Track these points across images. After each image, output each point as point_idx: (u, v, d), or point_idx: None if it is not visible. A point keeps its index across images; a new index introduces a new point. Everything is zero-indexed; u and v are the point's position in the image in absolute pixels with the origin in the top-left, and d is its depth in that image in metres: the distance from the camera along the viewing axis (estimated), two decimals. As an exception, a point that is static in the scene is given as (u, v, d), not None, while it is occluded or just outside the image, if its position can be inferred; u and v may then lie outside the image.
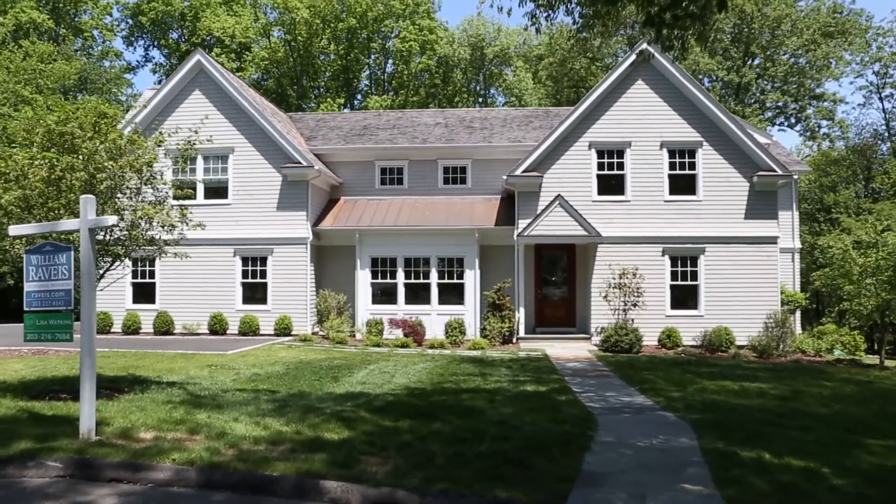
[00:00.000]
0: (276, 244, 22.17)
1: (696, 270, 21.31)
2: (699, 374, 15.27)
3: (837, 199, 44.50)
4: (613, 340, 19.33)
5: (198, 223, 12.05)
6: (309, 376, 13.27)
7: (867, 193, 46.44)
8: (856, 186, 46.85)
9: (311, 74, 48.74)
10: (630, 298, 20.66)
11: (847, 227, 40.00)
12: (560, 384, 13.17)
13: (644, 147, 21.53)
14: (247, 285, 22.38)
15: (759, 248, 21.29)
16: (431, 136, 25.02)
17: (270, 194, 22.32)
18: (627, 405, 11.41)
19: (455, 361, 16.27)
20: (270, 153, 22.34)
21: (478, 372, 14.52)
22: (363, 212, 23.38)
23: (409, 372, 14.30)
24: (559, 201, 20.88)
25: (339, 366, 14.99)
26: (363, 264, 22.51)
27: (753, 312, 20.91)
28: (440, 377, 13.63)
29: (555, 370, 15.21)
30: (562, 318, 22.50)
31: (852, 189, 46.28)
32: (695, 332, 20.65)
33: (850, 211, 43.45)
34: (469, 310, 22.11)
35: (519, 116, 26.79)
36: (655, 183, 21.46)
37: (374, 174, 24.59)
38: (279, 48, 46.55)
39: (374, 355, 17.32)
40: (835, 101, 39.84)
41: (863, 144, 46.55)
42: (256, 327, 21.70)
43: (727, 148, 21.42)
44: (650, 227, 21.31)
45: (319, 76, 49.02)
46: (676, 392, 12.57)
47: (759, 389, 13.31)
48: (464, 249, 22.27)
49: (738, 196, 21.42)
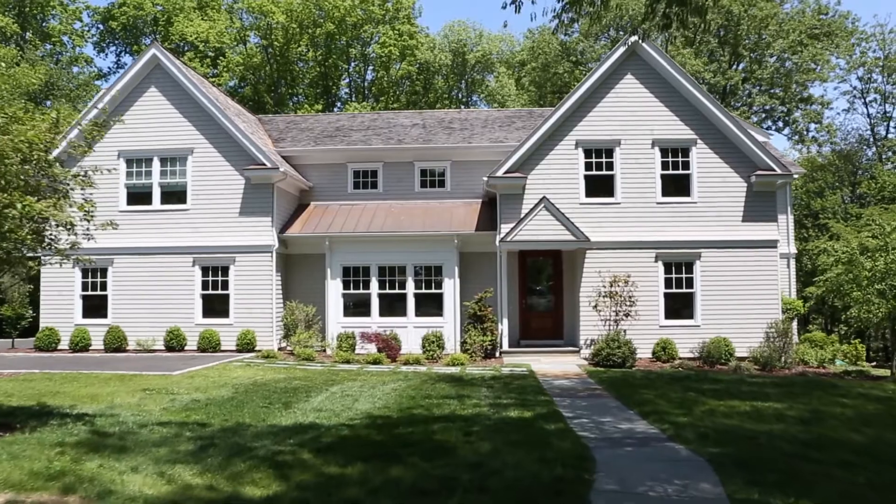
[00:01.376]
0: (239, 252, 20.14)
1: (692, 277, 19.49)
2: (703, 391, 13.40)
3: (825, 204, 43.08)
4: (605, 354, 17.43)
5: (108, 221, 9.97)
6: (257, 402, 11.27)
7: (853, 199, 45.08)
8: (842, 191, 45.48)
9: (289, 81, 46.78)
10: (622, 308, 18.79)
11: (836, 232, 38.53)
12: (548, 408, 11.24)
13: (634, 145, 19.74)
14: (207, 297, 20.31)
15: (758, 252, 19.51)
16: (408, 136, 23.13)
17: (233, 199, 20.30)
18: (628, 434, 9.49)
19: (430, 380, 14.31)
20: (233, 155, 20.35)
21: (455, 393, 12.56)
22: (334, 217, 21.41)
23: (375, 395, 12.32)
24: (544, 204, 19.02)
25: (296, 388, 12.99)
26: (334, 274, 20.52)
27: (753, 322, 19.11)
28: (411, 401, 11.66)
29: (542, 390, 13.28)
30: (548, 330, 20.59)
31: (839, 194, 44.92)
32: (692, 343, 18.80)
33: (837, 216, 42.05)
34: (448, 322, 20.16)
35: (501, 117, 24.97)
36: (647, 184, 19.65)
37: (346, 177, 22.64)
38: (255, 54, 44.58)
39: (342, 374, 15.32)
40: (822, 105, 38.43)
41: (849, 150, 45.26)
42: (217, 343, 19.62)
43: (723, 146, 19.67)
44: (642, 231, 19.49)
45: (297, 83, 47.06)
46: (682, 416, 10.68)
47: (774, 411, 11.45)
48: (442, 257, 20.34)
49: (736, 197, 19.66)
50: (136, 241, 20.30)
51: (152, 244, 20.29)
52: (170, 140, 20.52)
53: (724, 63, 38.54)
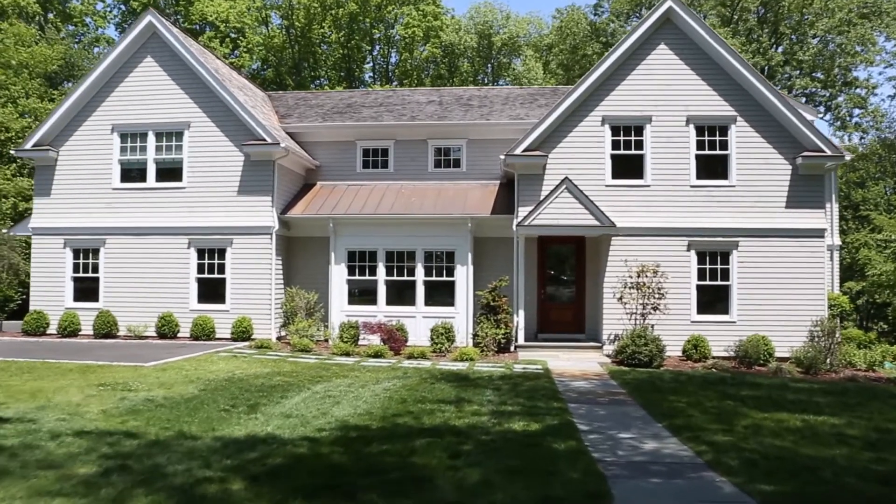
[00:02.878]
0: (237, 234, 18.45)
1: (728, 268, 17.34)
2: (742, 399, 11.36)
3: (866, 195, 40.26)
4: (630, 351, 15.42)
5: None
6: (220, 404, 9.52)
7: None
8: (885, 182, 42.55)
9: (312, 63, 45.08)
10: (649, 301, 16.74)
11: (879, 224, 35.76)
12: (560, 418, 9.32)
13: (667, 123, 17.59)
14: (203, 281, 18.67)
15: (802, 242, 17.29)
16: (422, 113, 21.21)
17: (231, 177, 18.60)
18: (655, 458, 7.55)
19: (431, 379, 12.46)
20: (232, 129, 18.63)
21: (454, 396, 10.69)
22: (340, 198, 19.62)
23: (361, 397, 10.51)
24: (566, 185, 17.00)
25: (275, 386, 11.23)
26: (338, 258, 18.75)
27: (796, 319, 16.92)
28: (400, 406, 9.83)
29: (556, 393, 11.35)
30: (569, 323, 18.62)
31: (882, 185, 42.01)
32: (726, 341, 16.69)
33: (879, 208, 39.23)
34: (460, 312, 18.29)
35: (523, 95, 22.93)
36: (680, 165, 17.51)
37: (355, 156, 20.81)
38: (276, 34, 42.94)
39: (334, 369, 13.54)
40: (868, 88, 35.55)
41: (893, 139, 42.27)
42: (211, 330, 17.99)
43: (766, 124, 17.44)
44: (673, 217, 17.37)
45: (320, 65, 45.34)
46: (721, 433, 8.69)
47: (831, 428, 9.40)
48: (455, 242, 18.45)
49: (779, 181, 17.43)
50: (130, 220, 18.74)
51: (146, 224, 18.71)
52: (166, 113, 18.87)
53: (764, 43, 35.87)
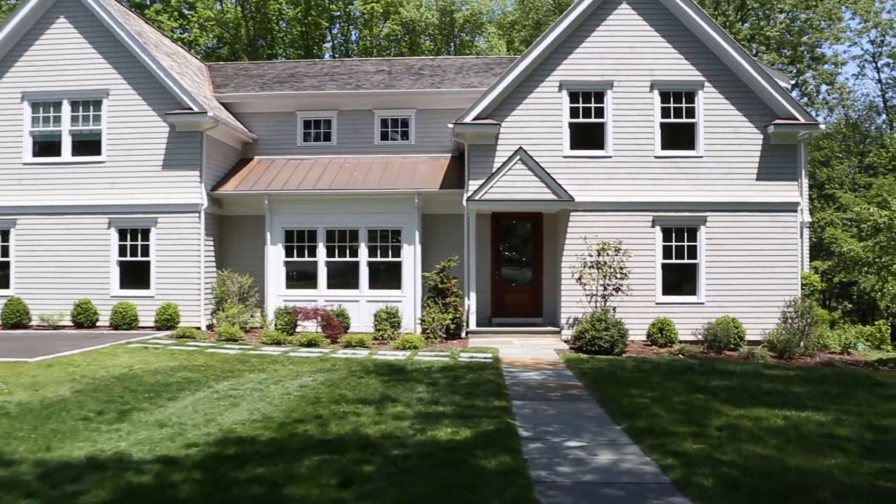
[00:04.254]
0: (162, 212, 16.40)
1: (696, 246, 15.76)
2: (713, 391, 9.75)
3: (831, 174, 39.23)
4: (589, 337, 13.77)
5: None
6: (85, 410, 7.63)
7: (861, 169, 41.19)
8: (850, 161, 41.56)
9: (269, 41, 42.62)
10: (611, 281, 15.10)
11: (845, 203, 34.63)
12: (498, 421, 7.58)
13: (630, 88, 15.89)
14: (125, 265, 16.61)
15: (775, 217, 15.76)
16: (368, 82, 19.25)
17: (155, 150, 16.51)
18: (610, 477, 5.85)
19: (360, 372, 10.66)
20: (156, 98, 16.51)
21: (379, 394, 8.91)
22: (278, 173, 17.64)
23: (268, 396, 8.67)
24: (520, 156, 15.24)
25: (172, 384, 9.35)
26: (274, 238, 16.81)
27: (768, 299, 15.43)
28: (309, 408, 8.02)
29: (500, 388, 9.62)
30: (525, 307, 16.92)
31: (846, 164, 41.02)
32: (694, 324, 15.12)
33: (845, 187, 38.23)
34: (407, 296, 16.49)
35: (478, 64, 21.05)
36: (644, 134, 15.84)
37: (295, 128, 18.79)
38: (230, 9, 40.41)
39: (254, 361, 11.67)
40: (836, 65, 34.28)
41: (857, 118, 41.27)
42: (133, 318, 15.97)
43: (735, 89, 15.82)
44: (637, 191, 15.73)
45: (277, 43, 42.88)
46: (692, 438, 7.02)
47: (818, 427, 7.81)
48: (401, 219, 16.61)
49: (749, 151, 15.85)
50: (44, 198, 16.59)
51: (62, 202, 16.56)
52: (82, 80, 16.68)
53: (731, 17, 34.36)
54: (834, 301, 37.87)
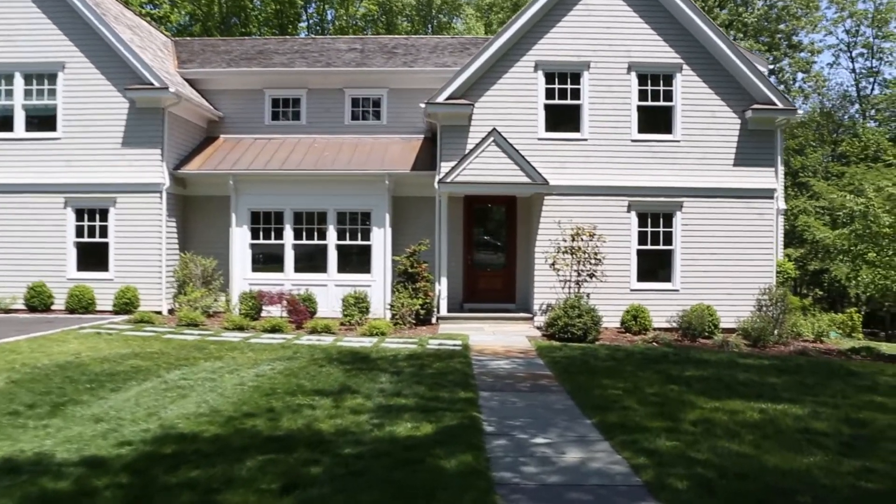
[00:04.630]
0: (122, 192, 15.65)
1: (671, 232, 15.41)
2: (688, 382, 9.39)
3: (805, 162, 39.25)
4: (562, 324, 13.36)
5: None
6: (16, 403, 7.04)
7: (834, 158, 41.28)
8: (823, 150, 41.61)
9: (243, 19, 41.46)
10: (585, 267, 14.70)
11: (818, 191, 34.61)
12: (463, 415, 7.12)
13: (607, 70, 15.41)
14: (82, 246, 15.86)
15: (751, 203, 15.45)
16: (339, 60, 18.56)
17: (114, 126, 15.73)
18: (579, 478, 5.41)
19: (322, 360, 10.14)
20: (114, 72, 15.71)
21: (338, 385, 8.40)
22: (244, 152, 16.95)
23: (220, 387, 8.13)
24: (494, 138, 14.73)
25: (119, 373, 8.76)
26: (240, 220, 16.16)
27: (743, 287, 15.15)
28: (262, 400, 7.49)
29: (467, 378, 9.16)
30: (498, 292, 16.49)
31: (819, 153, 41.07)
32: (669, 311, 14.80)
33: (818, 176, 38.28)
34: (377, 280, 15.97)
35: (453, 44, 20.43)
36: (621, 117, 15.40)
37: (263, 107, 18.08)
38: (201, -15, 39.18)
39: (212, 348, 11.09)
40: (812, 52, 34.12)
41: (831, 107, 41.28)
42: (90, 302, 15.27)
43: (714, 73, 15.42)
44: (613, 175, 15.30)
45: (251, 21, 41.74)
46: (666, 434, 6.62)
47: (795, 420, 7.47)
48: (371, 202, 16.04)
49: (727, 136, 15.49)
50: (-4, 176, 15.77)
51: (14, 181, 15.73)
52: (36, 52, 15.81)
53: (709, 2, 34.03)
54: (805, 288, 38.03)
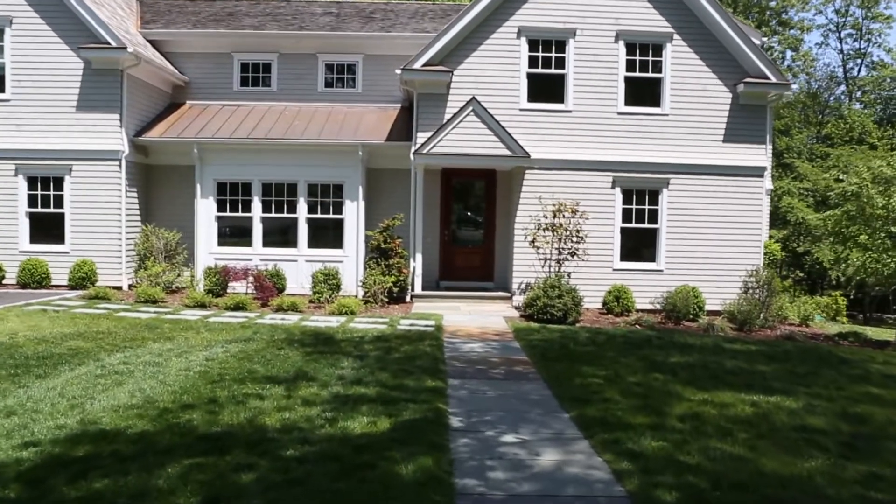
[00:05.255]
0: (77, 159, 14.65)
1: (657, 209, 14.72)
2: (673, 370, 8.73)
3: (790, 143, 38.71)
4: (541, 304, 12.65)
5: None
6: (-79, 391, 6.22)
7: (819, 139, 40.80)
8: (808, 131, 41.09)
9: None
10: (566, 245, 13.99)
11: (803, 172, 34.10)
12: (429, 407, 6.39)
13: (594, 38, 14.57)
14: (36, 217, 14.87)
15: (740, 181, 14.78)
16: (313, 24, 17.53)
17: (69, 89, 14.67)
18: (553, 487, 4.70)
19: (282, 342, 9.36)
20: (68, 30, 14.61)
21: (295, 370, 7.64)
22: (211, 119, 15.97)
23: (163, 373, 7.34)
24: (473, 107, 13.88)
25: (54, 356, 7.93)
26: (205, 191, 15.24)
27: (730, 268, 14.53)
28: (205, 389, 6.72)
29: (438, 364, 8.43)
30: (476, 270, 15.75)
31: (805, 134, 40.55)
32: (652, 292, 14.17)
33: (803, 157, 37.77)
34: (349, 256, 15.17)
35: (434, 10, 19.43)
36: (607, 88, 14.60)
37: (231, 71, 17.04)
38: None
39: (166, 327, 10.27)
40: (802, 30, 33.40)
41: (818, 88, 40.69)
42: (45, 276, 14.33)
43: (706, 43, 14.63)
44: (598, 149, 14.54)
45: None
46: (651, 432, 5.94)
47: (790, 415, 6.83)
48: (344, 173, 15.17)
49: (717, 111, 14.76)
50: (-59, 140, 14.68)
51: (-38, 145, 14.69)
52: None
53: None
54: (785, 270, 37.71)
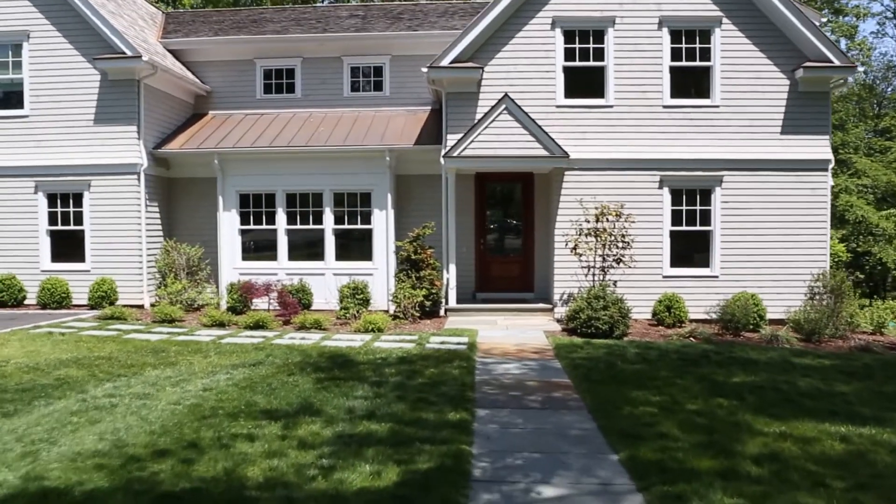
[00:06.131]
0: (96, 174, 14.06)
1: (709, 210, 13.36)
2: (739, 392, 7.46)
3: (846, 138, 36.48)
4: (584, 317, 11.43)
5: None
6: None
7: (877, 133, 38.39)
8: (865, 125, 38.74)
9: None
10: (611, 251, 12.75)
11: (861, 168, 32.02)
12: (449, 449, 5.29)
13: (634, 26, 13.35)
14: (57, 234, 14.32)
15: (802, 176, 13.32)
16: (337, 26, 16.71)
17: (86, 102, 14.09)
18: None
19: (296, 365, 8.38)
20: (84, 41, 14.04)
21: (300, 402, 6.63)
22: (233, 129, 15.23)
23: (152, 405, 6.42)
24: (506, 105, 12.79)
25: (37, 387, 7.11)
26: (228, 204, 14.48)
27: (792, 272, 13.09)
28: (192, 426, 5.76)
29: (465, 391, 7.32)
30: (515, 280, 14.61)
31: (861, 128, 38.22)
32: (707, 300, 12.80)
33: (860, 152, 35.51)
34: (379, 268, 14.20)
35: (464, 8, 18.44)
36: (651, 80, 13.34)
37: (254, 79, 16.32)
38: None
39: (174, 349, 9.40)
40: (857, 16, 31.36)
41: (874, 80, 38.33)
42: (65, 296, 13.74)
43: (759, 27, 13.27)
44: (642, 146, 13.29)
45: None
46: (720, 481, 4.75)
47: (891, 451, 5.52)
48: (371, 180, 14.24)
49: (774, 99, 13.35)
50: (-38, 158, 14.26)
51: (-19, 163, 14.24)
52: None
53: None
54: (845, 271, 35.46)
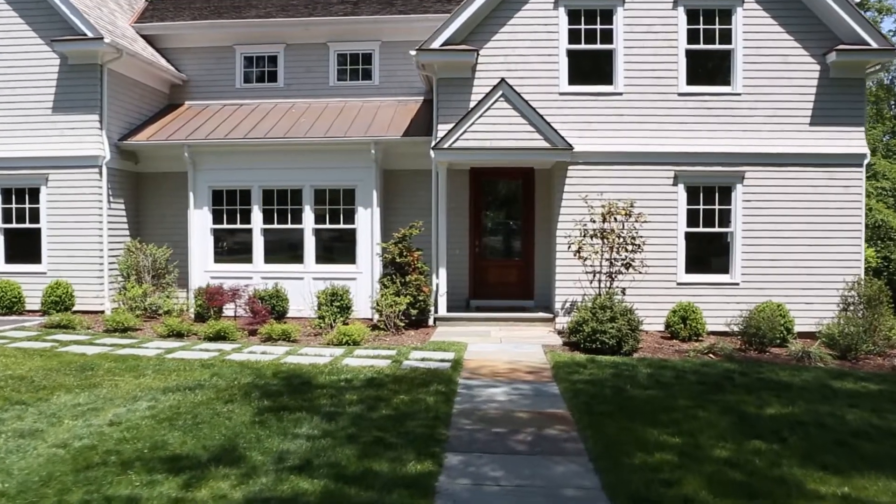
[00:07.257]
0: (54, 167, 12.68)
1: (730, 209, 11.82)
2: (775, 430, 5.95)
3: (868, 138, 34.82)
4: (589, 329, 9.91)
5: None
6: None
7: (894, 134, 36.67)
8: (883, 126, 37.01)
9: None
10: (619, 254, 11.23)
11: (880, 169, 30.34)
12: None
13: (647, 5, 11.84)
14: (11, 233, 12.97)
15: (834, 172, 11.77)
16: (325, 13, 15.28)
17: (43, 88, 12.72)
18: None
19: (238, 390, 6.93)
20: (42, 23, 12.69)
21: (222, 443, 5.18)
22: (207, 120, 13.84)
23: (29, 448, 5.01)
24: (503, 91, 11.32)
25: None
26: (199, 200, 13.08)
27: (823, 280, 11.55)
28: (66, 479, 4.34)
29: (437, 426, 5.84)
30: (513, 287, 13.12)
31: (879, 129, 36.50)
32: (727, 311, 11.27)
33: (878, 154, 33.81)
34: (363, 272, 12.75)
35: (464, -6, 16.94)
36: (665, 65, 11.83)
37: (234, 67, 14.93)
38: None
39: (106, 366, 7.97)
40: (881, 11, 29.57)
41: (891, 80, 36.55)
42: (17, 300, 12.36)
43: (785, 6, 11.74)
44: (655, 138, 11.77)
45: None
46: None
47: None
48: (356, 176, 12.80)
49: (803, 86, 11.80)
50: (-89, 149, 12.95)
51: (-69, 155, 12.91)
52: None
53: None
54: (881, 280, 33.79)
